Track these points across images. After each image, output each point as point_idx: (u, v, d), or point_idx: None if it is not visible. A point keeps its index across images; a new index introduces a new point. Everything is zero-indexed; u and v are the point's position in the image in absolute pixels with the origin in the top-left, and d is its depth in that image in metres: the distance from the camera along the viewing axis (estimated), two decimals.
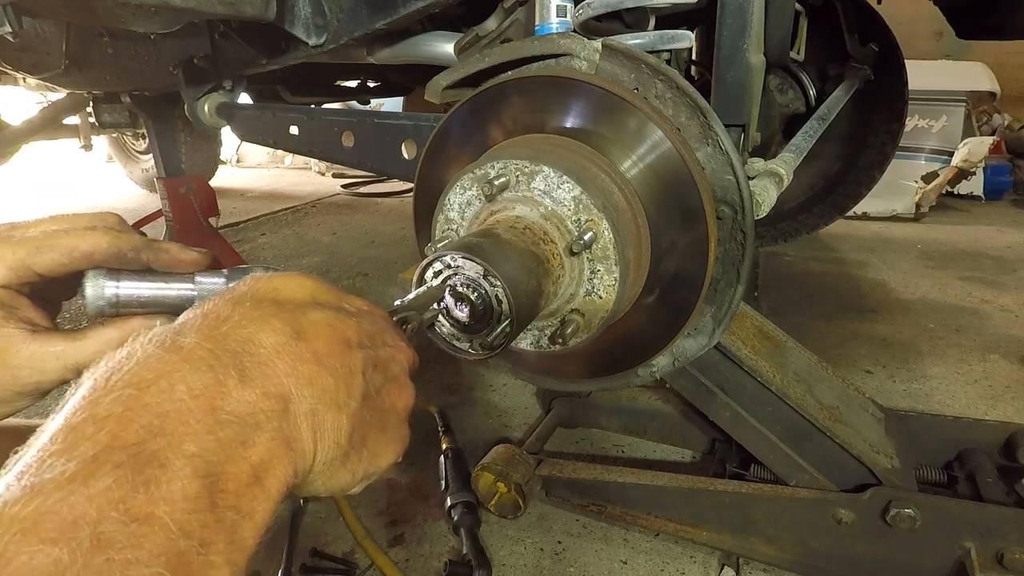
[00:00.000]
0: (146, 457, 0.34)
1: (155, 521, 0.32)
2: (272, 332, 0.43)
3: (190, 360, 0.39)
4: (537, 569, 1.33)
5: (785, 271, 3.12)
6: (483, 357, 0.71)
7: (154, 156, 2.60)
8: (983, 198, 4.38)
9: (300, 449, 0.42)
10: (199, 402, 0.37)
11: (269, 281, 0.49)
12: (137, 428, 0.35)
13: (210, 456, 0.36)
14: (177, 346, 0.40)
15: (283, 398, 0.41)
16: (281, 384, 0.42)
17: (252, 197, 5.38)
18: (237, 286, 0.48)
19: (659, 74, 0.86)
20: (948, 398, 1.93)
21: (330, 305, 0.49)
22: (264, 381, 0.41)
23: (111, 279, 0.57)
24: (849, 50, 2.03)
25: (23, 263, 0.55)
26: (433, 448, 1.60)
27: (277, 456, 0.40)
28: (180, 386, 0.37)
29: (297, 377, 0.43)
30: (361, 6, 1.07)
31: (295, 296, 0.48)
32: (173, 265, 0.61)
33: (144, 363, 0.38)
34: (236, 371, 0.40)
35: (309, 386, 0.43)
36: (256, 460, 0.39)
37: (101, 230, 0.58)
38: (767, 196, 0.88)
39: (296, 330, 0.44)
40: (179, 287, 0.59)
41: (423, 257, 0.69)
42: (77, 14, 1.33)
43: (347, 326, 0.48)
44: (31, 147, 3.26)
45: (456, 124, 0.97)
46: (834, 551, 1.20)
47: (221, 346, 0.41)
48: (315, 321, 0.46)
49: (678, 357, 0.99)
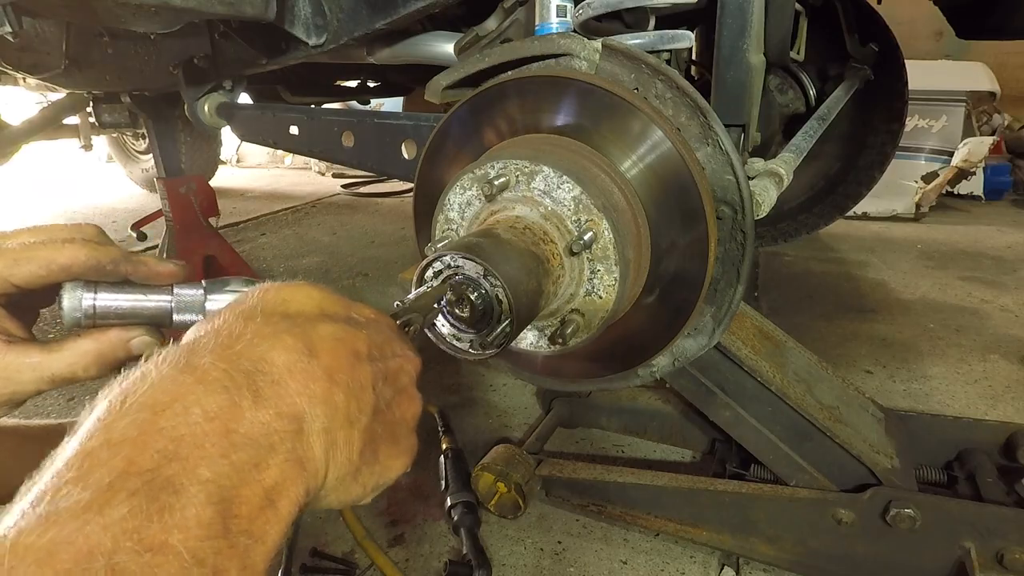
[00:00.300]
0: (160, 484, 0.34)
1: (169, 550, 0.32)
2: (284, 350, 0.43)
3: (205, 382, 0.39)
4: (537, 569, 1.33)
5: (785, 271, 3.12)
6: (483, 357, 0.71)
7: (154, 156, 2.59)
8: (983, 198, 4.38)
9: (313, 469, 0.42)
10: (214, 425, 0.37)
11: (278, 293, 0.48)
12: (152, 453, 0.35)
13: (224, 481, 0.36)
14: (192, 367, 0.39)
15: (296, 418, 0.41)
16: (294, 404, 0.41)
17: (252, 197, 5.38)
18: (246, 298, 0.48)
19: (659, 74, 0.86)
20: (948, 398, 1.93)
21: (339, 317, 0.49)
22: (278, 401, 0.41)
23: (88, 291, 0.57)
24: (849, 50, 2.03)
25: (0, 275, 0.55)
26: (433, 448, 1.61)
27: (290, 478, 0.40)
28: (195, 409, 0.37)
29: (310, 396, 0.42)
30: (361, 6, 1.07)
31: (304, 309, 0.48)
32: (151, 277, 0.61)
33: (159, 385, 0.38)
34: (250, 392, 0.40)
35: (322, 404, 0.43)
36: (270, 483, 0.38)
37: (80, 242, 0.58)
38: (767, 196, 0.88)
39: (307, 346, 0.44)
40: (157, 299, 0.60)
41: (423, 257, 0.69)
42: (77, 14, 1.33)
43: (357, 339, 0.48)
44: (31, 147, 3.26)
45: (456, 124, 0.97)
46: (834, 551, 1.20)
47: (235, 366, 0.40)
48: (325, 336, 0.46)
49: (678, 357, 0.99)
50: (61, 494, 0.32)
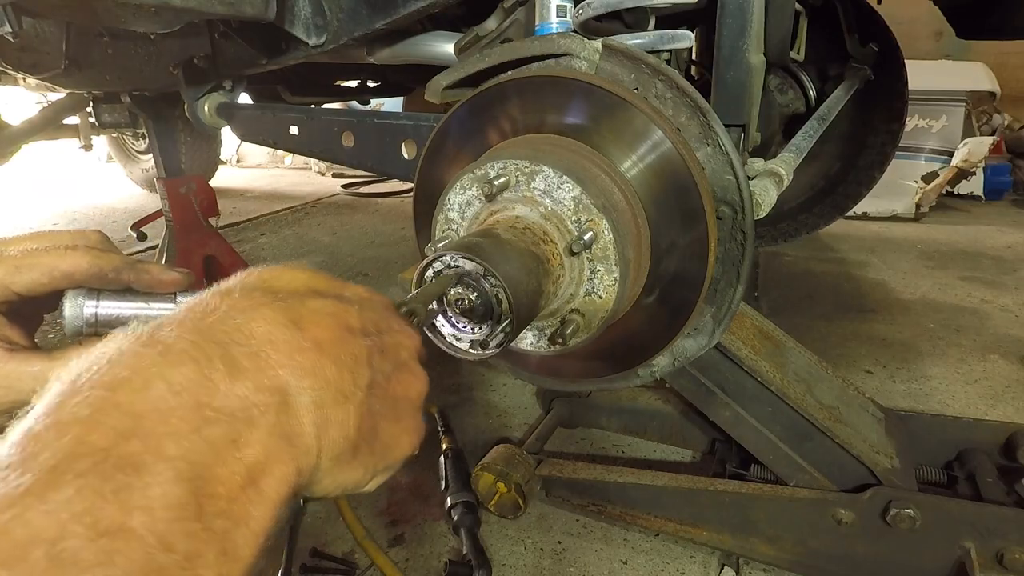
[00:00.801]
0: (116, 462, 0.30)
1: (129, 534, 0.29)
2: (264, 321, 0.40)
3: (169, 354, 0.35)
4: (537, 569, 1.33)
5: (785, 271, 3.12)
6: (483, 357, 0.71)
7: (154, 156, 2.59)
8: (983, 198, 4.38)
9: (303, 446, 0.39)
10: (182, 399, 0.34)
11: (259, 273, 0.46)
12: (106, 431, 0.31)
13: (195, 457, 0.33)
14: (155, 340, 0.36)
15: (280, 390, 0.38)
16: (277, 376, 0.38)
17: (252, 197, 5.38)
18: (231, 277, 0.45)
19: (659, 74, 0.86)
20: (948, 398, 1.93)
21: (329, 293, 0.46)
22: (257, 373, 0.37)
23: (91, 299, 0.57)
24: (849, 50, 2.03)
25: (1, 283, 0.54)
26: (433, 448, 1.61)
27: (275, 454, 0.37)
28: (158, 383, 0.34)
29: (295, 367, 0.39)
30: (361, 6, 1.07)
31: (290, 285, 0.45)
32: (154, 285, 0.60)
33: (117, 361, 0.34)
34: (224, 364, 0.36)
35: (311, 376, 0.40)
36: (251, 460, 0.35)
37: (82, 249, 0.57)
38: (767, 196, 0.88)
39: (292, 319, 0.41)
40: (159, 307, 0.59)
41: (423, 257, 0.69)
42: (77, 14, 1.33)
43: (349, 313, 0.45)
44: (31, 147, 3.26)
45: (456, 124, 0.97)
46: (834, 551, 1.20)
47: (206, 337, 0.37)
48: (314, 309, 0.43)
49: (678, 357, 0.99)
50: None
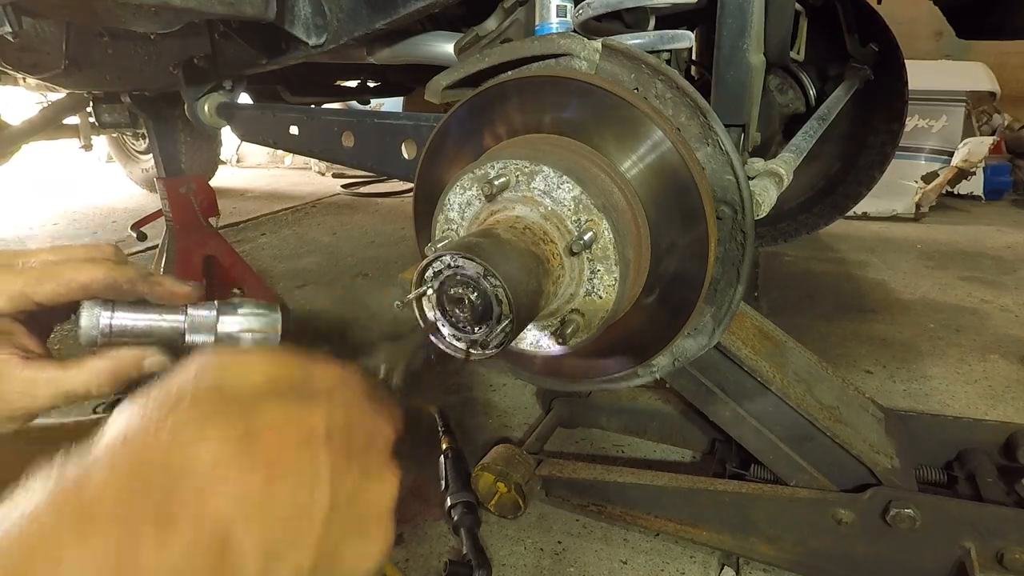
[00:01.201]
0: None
1: None
2: (212, 441, 0.36)
3: (88, 522, 0.32)
4: (537, 569, 1.33)
5: (785, 271, 3.12)
6: (483, 357, 0.71)
7: (154, 156, 2.59)
8: (983, 198, 4.38)
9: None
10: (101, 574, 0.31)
11: (215, 367, 0.42)
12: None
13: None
14: (77, 498, 0.33)
15: (221, 538, 0.35)
16: (219, 516, 0.35)
17: (252, 197, 5.38)
18: (182, 369, 0.42)
19: (659, 74, 0.86)
20: (948, 398, 1.93)
21: (291, 389, 0.42)
22: (195, 522, 0.34)
23: (106, 309, 0.59)
24: (849, 50, 2.03)
25: (23, 292, 0.57)
26: (433, 448, 1.61)
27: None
28: (70, 555, 0.31)
29: (242, 499, 0.36)
30: (361, 6, 1.07)
31: (248, 381, 0.41)
32: (166, 297, 0.62)
33: (28, 529, 0.32)
34: (156, 519, 0.33)
35: (258, 515, 0.36)
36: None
37: (99, 262, 0.60)
38: (767, 196, 0.88)
39: (244, 431, 0.37)
40: (171, 319, 0.62)
41: (423, 257, 0.69)
42: (77, 14, 1.33)
43: (313, 415, 0.41)
44: (31, 147, 3.26)
45: (456, 124, 0.97)
46: (834, 551, 1.20)
47: (140, 485, 0.34)
48: (268, 420, 0.39)
49: (678, 357, 0.99)
50: None
